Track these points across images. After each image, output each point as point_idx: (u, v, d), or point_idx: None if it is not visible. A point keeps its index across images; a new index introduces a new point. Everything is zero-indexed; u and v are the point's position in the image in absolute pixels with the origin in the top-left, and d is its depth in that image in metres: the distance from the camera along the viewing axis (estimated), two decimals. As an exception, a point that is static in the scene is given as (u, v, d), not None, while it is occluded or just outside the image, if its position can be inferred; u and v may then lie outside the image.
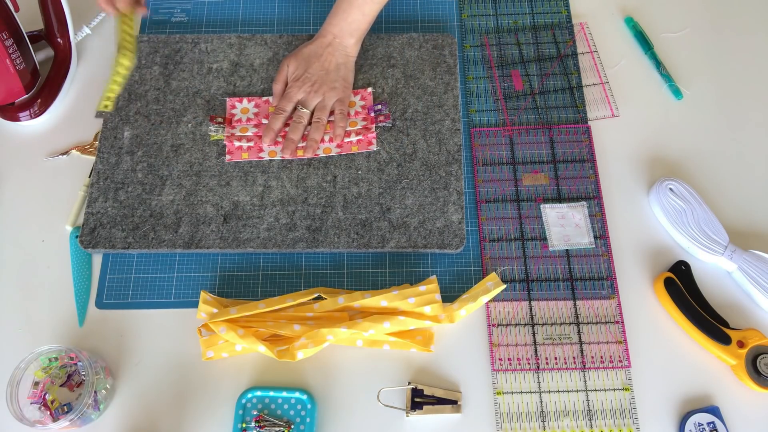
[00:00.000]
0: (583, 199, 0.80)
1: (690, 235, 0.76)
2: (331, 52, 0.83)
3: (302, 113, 0.81)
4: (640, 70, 0.89)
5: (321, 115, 0.82)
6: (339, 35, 0.83)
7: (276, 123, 0.81)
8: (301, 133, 0.81)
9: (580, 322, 0.74)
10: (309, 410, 0.69)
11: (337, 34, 0.83)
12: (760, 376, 0.70)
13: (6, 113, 0.86)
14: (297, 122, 0.81)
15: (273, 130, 0.81)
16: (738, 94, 0.88)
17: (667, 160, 0.83)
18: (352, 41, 0.83)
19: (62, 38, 0.88)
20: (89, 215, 0.78)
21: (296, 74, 0.83)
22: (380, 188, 0.79)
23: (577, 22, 0.92)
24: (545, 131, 0.85)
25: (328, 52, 0.83)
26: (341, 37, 0.83)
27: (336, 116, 0.82)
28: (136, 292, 0.76)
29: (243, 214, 0.78)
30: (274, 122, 0.81)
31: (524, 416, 0.70)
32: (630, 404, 0.70)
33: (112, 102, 0.79)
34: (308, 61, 0.83)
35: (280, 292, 0.76)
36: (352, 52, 0.84)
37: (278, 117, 0.82)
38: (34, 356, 0.67)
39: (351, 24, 0.82)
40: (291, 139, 0.81)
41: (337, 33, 0.83)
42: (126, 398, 0.71)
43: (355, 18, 0.82)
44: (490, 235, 0.79)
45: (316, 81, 0.82)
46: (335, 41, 0.83)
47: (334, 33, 0.83)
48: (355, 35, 0.83)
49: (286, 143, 0.81)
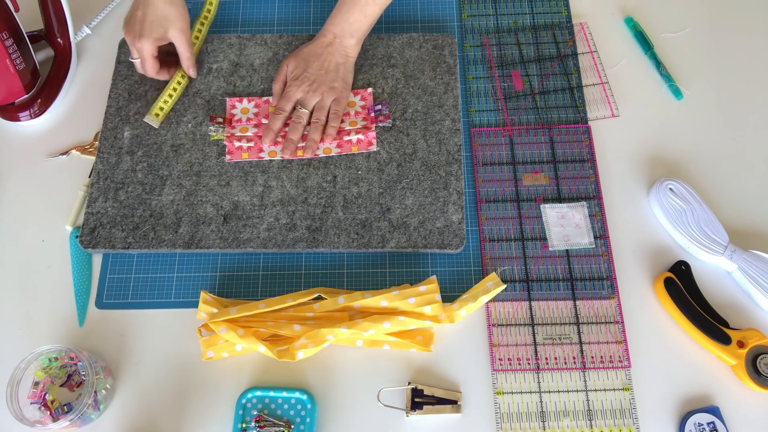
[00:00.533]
0: (583, 199, 0.80)
1: (690, 235, 0.76)
2: (331, 52, 0.83)
3: (301, 113, 0.81)
4: (640, 70, 0.89)
5: (320, 115, 0.81)
6: (340, 35, 0.83)
7: (276, 123, 0.81)
8: (300, 133, 0.81)
9: (580, 322, 0.74)
10: (309, 410, 0.69)
11: (337, 34, 0.83)
12: (760, 376, 0.70)
13: (6, 113, 0.86)
14: (296, 122, 0.81)
15: (273, 131, 0.81)
16: (738, 94, 0.88)
17: (667, 160, 0.83)
18: (353, 42, 0.83)
19: (62, 38, 0.88)
20: (89, 215, 0.78)
21: (295, 73, 0.83)
22: (380, 188, 0.79)
23: (577, 22, 0.92)
24: (545, 131, 0.85)
25: (328, 51, 0.83)
26: (342, 37, 0.83)
27: (330, 116, 0.82)
28: (136, 292, 0.76)
29: (243, 214, 0.78)
30: (273, 122, 0.81)
31: (524, 416, 0.70)
32: (630, 404, 0.70)
33: (162, 115, 0.82)
34: (307, 61, 0.83)
35: (280, 292, 0.76)
36: (352, 53, 0.84)
37: (278, 117, 0.82)
38: (34, 356, 0.67)
39: (352, 24, 0.82)
40: (291, 140, 0.81)
41: (337, 33, 0.83)
42: (126, 398, 0.71)
43: (356, 18, 0.82)
44: (490, 235, 0.79)
45: (315, 80, 0.82)
46: (335, 41, 0.83)
47: (335, 33, 0.83)
48: (356, 36, 0.83)
49: (286, 143, 0.81)
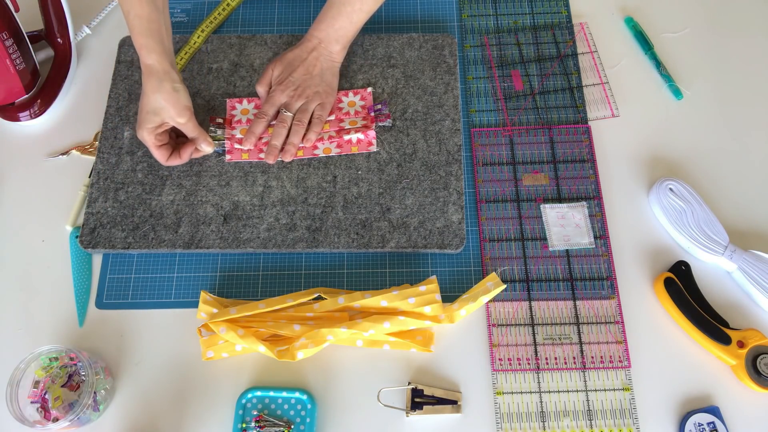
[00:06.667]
0: (583, 199, 0.80)
1: (690, 235, 0.76)
2: (316, 57, 0.82)
3: (285, 116, 0.81)
4: (640, 70, 0.89)
5: (302, 117, 0.81)
6: (325, 40, 0.82)
7: (258, 127, 0.81)
8: (283, 137, 0.80)
9: (580, 322, 0.74)
10: (309, 410, 0.69)
11: (323, 39, 0.82)
12: (760, 376, 0.70)
13: (6, 113, 0.86)
14: (280, 126, 0.81)
15: (254, 134, 0.81)
16: (738, 94, 0.88)
17: (667, 160, 0.83)
18: (338, 48, 0.83)
19: (62, 38, 0.88)
20: (89, 215, 0.78)
21: (280, 78, 0.83)
22: (380, 188, 0.79)
23: (577, 22, 0.92)
24: (545, 131, 0.85)
25: (312, 56, 0.82)
26: (327, 42, 0.82)
27: (313, 120, 0.81)
28: (136, 292, 0.76)
29: (243, 214, 0.78)
30: (255, 126, 0.81)
31: (524, 416, 0.70)
32: (630, 404, 0.70)
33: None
34: (292, 65, 0.82)
35: (280, 292, 0.76)
36: (337, 58, 0.84)
37: (260, 121, 0.81)
38: (34, 356, 0.67)
39: (338, 31, 0.82)
40: (273, 145, 0.80)
41: (323, 38, 0.82)
42: (126, 398, 0.71)
43: (342, 25, 0.82)
44: (490, 235, 0.79)
45: (299, 85, 0.82)
46: (320, 46, 0.82)
47: (320, 38, 0.83)
48: (341, 42, 0.83)
49: (269, 149, 0.80)
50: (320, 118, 0.82)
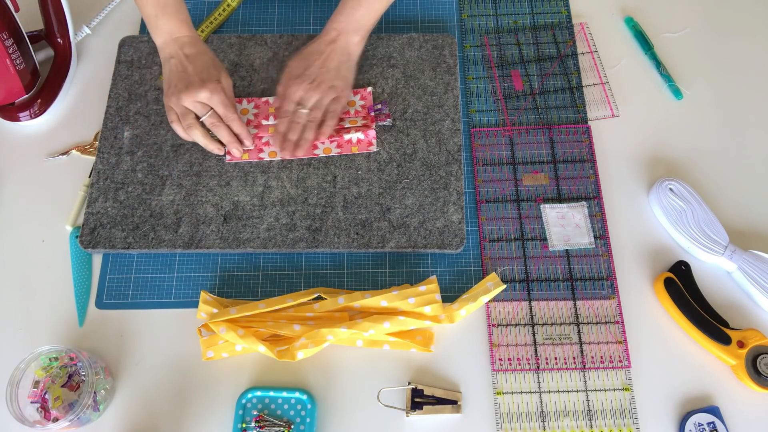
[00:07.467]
0: (583, 199, 0.80)
1: (690, 235, 0.76)
2: (334, 50, 0.82)
3: (300, 114, 0.81)
4: (640, 70, 0.89)
5: (316, 114, 0.81)
6: (344, 31, 0.82)
7: (283, 126, 0.81)
8: (298, 133, 0.81)
9: (580, 322, 0.74)
10: (309, 410, 0.69)
11: (342, 30, 0.82)
12: (760, 376, 0.70)
13: (6, 113, 0.86)
14: (295, 122, 0.81)
15: (281, 134, 0.81)
16: (738, 94, 0.88)
17: (667, 160, 0.83)
18: (357, 38, 0.83)
19: (62, 38, 0.88)
20: (89, 215, 0.78)
21: (296, 72, 0.83)
22: (380, 188, 0.79)
23: (577, 22, 0.92)
24: (545, 131, 0.85)
25: (330, 49, 0.82)
26: (346, 33, 0.82)
27: (327, 114, 0.81)
28: (136, 292, 0.76)
29: (243, 214, 0.78)
30: (280, 126, 0.81)
31: (524, 416, 0.70)
32: (630, 404, 0.70)
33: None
34: (308, 59, 0.82)
35: (280, 292, 0.76)
36: (355, 51, 0.83)
37: (284, 120, 0.81)
38: (34, 356, 0.67)
39: (358, 20, 0.82)
40: (289, 140, 0.80)
41: (342, 29, 0.82)
42: (126, 398, 0.71)
43: (362, 14, 0.82)
44: (490, 235, 0.79)
45: (315, 79, 0.81)
46: (339, 38, 0.82)
47: (339, 29, 0.82)
48: (360, 32, 0.82)
49: (285, 144, 0.80)
50: (335, 111, 0.82)
